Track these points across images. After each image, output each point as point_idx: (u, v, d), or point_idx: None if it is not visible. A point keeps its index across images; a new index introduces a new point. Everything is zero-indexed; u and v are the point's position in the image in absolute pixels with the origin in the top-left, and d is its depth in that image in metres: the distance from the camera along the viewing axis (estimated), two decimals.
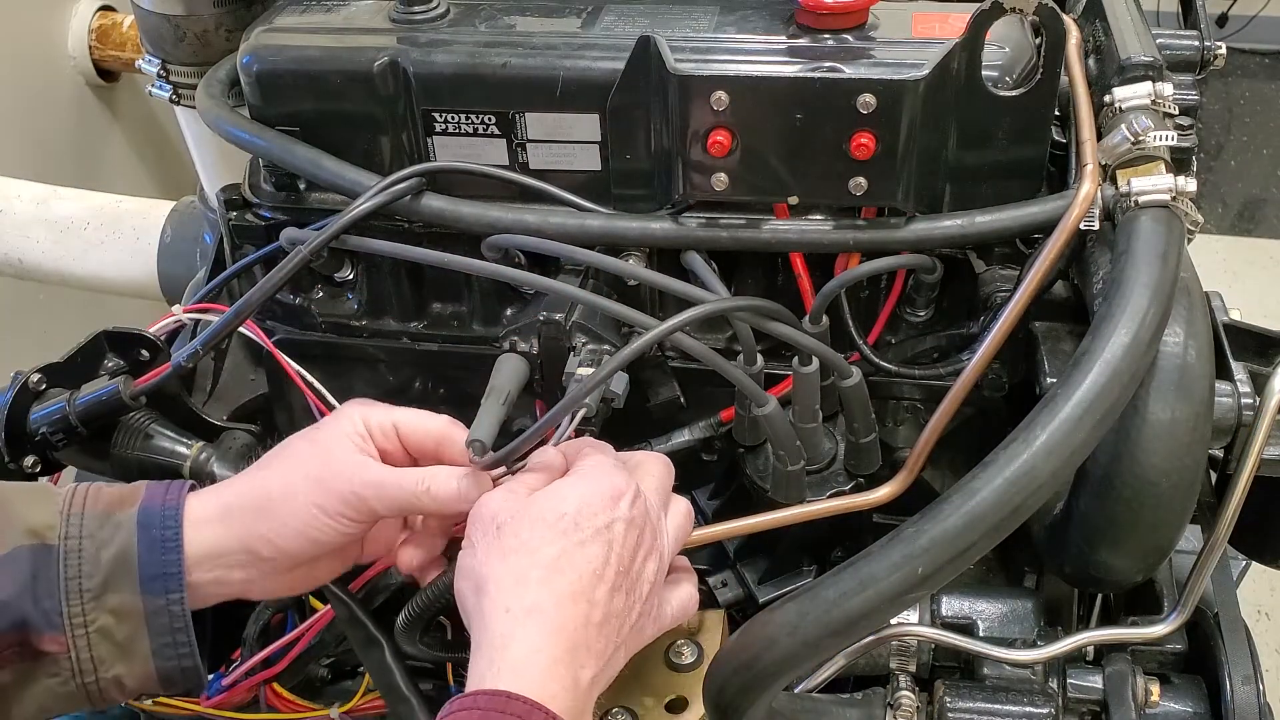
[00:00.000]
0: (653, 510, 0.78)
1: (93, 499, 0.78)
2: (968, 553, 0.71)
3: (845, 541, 0.98)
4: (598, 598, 0.72)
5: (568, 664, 0.70)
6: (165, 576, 0.77)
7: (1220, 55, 0.98)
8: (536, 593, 0.72)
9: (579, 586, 0.72)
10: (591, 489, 0.75)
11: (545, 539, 0.73)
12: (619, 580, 0.74)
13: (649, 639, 0.79)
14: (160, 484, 0.80)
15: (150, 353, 0.99)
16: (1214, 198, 3.33)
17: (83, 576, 0.76)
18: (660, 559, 0.78)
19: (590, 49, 0.88)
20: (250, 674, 0.99)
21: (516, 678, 0.69)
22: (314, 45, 0.92)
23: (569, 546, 0.73)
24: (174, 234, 1.43)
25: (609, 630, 0.73)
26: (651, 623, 0.78)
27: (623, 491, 0.76)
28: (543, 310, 0.90)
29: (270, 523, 0.78)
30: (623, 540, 0.74)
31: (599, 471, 0.77)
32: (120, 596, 0.76)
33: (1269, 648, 2.15)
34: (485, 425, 0.83)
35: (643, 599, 0.76)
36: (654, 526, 0.77)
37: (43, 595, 0.75)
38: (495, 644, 0.70)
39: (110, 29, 1.99)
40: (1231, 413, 0.79)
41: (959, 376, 0.79)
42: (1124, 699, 0.86)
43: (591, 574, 0.73)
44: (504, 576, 0.73)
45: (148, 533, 0.77)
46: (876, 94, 0.80)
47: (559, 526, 0.73)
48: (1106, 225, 0.80)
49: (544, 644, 0.70)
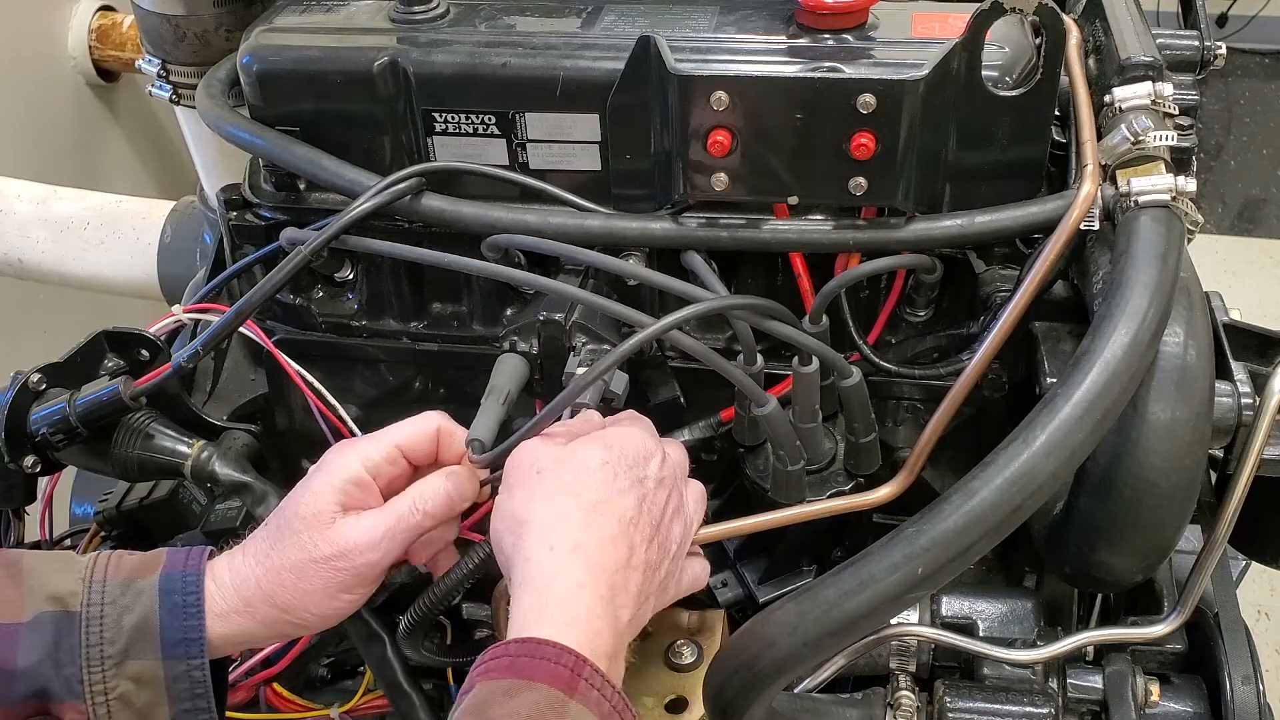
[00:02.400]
0: (680, 478, 0.81)
1: (114, 566, 0.80)
2: (968, 553, 0.71)
3: (845, 541, 0.98)
4: (636, 542, 0.75)
5: (609, 601, 0.72)
6: (186, 642, 0.78)
7: (1220, 55, 0.98)
8: (580, 532, 0.73)
9: (619, 529, 0.74)
10: (629, 445, 0.78)
11: (588, 484, 0.75)
12: (651, 533, 0.76)
13: (669, 600, 0.81)
14: (180, 550, 0.81)
15: (150, 353, 0.99)
16: (1214, 198, 3.33)
17: (104, 643, 0.77)
18: (685, 524, 0.80)
19: (590, 49, 0.88)
20: (250, 674, 0.99)
21: (563, 611, 0.70)
22: (314, 45, 0.92)
23: (610, 493, 0.75)
24: (174, 234, 1.43)
25: (645, 578, 0.75)
26: (674, 584, 0.80)
27: (654, 452, 0.79)
28: (543, 310, 0.90)
29: (293, 613, 0.80)
30: (654, 496, 0.77)
31: (633, 431, 0.80)
32: (141, 663, 0.77)
33: (1269, 648, 2.15)
34: (485, 424, 0.83)
35: (670, 557, 0.78)
36: (680, 492, 0.80)
37: (65, 662, 0.76)
38: (541, 580, 0.72)
39: (110, 29, 1.99)
40: (1231, 413, 0.79)
41: (959, 376, 0.79)
42: (1124, 699, 0.86)
43: (629, 520, 0.75)
44: (546, 515, 0.74)
45: (170, 598, 0.78)
46: (876, 94, 0.80)
47: (601, 474, 0.76)
48: (1106, 225, 0.80)
49: (589, 579, 0.72)
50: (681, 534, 0.79)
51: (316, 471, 0.82)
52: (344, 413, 0.98)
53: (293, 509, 0.81)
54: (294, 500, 0.81)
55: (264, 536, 0.82)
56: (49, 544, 1.08)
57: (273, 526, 0.82)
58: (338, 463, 0.81)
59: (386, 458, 0.81)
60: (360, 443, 0.83)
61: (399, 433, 0.83)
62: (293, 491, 0.83)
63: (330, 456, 0.83)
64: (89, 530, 1.07)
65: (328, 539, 0.79)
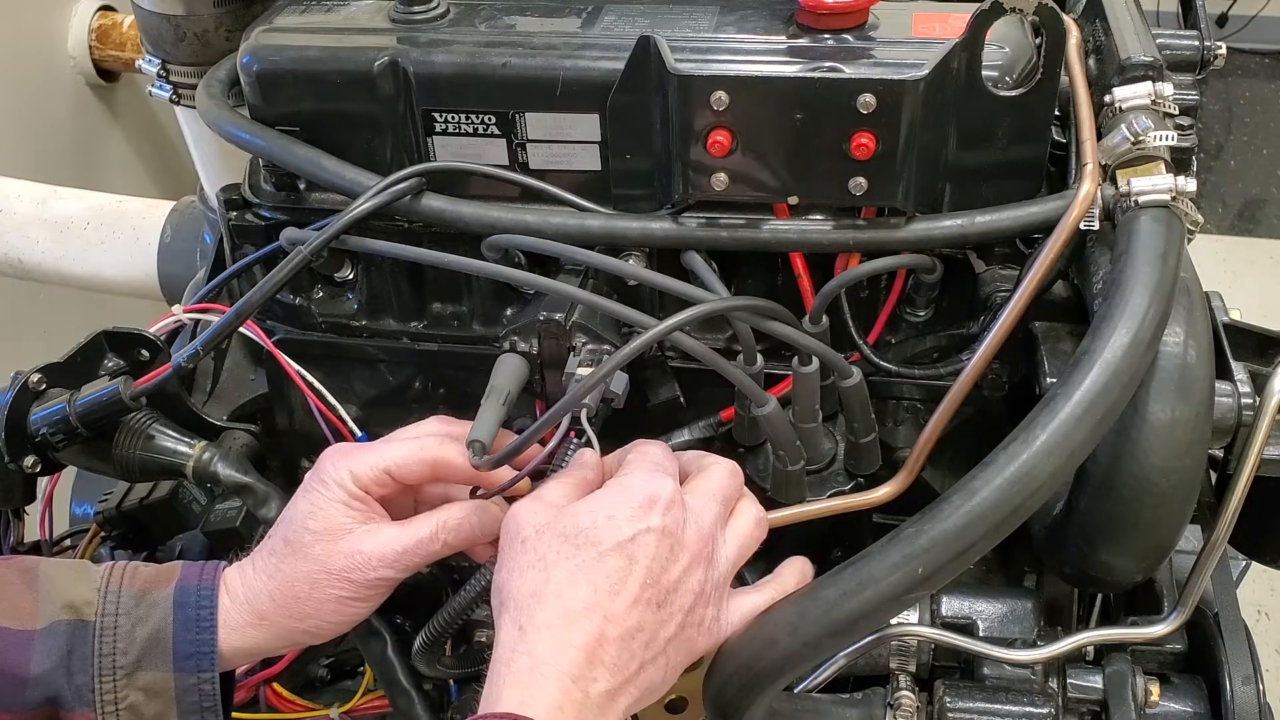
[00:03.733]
0: (701, 519, 0.75)
1: (129, 577, 0.80)
2: (968, 553, 0.71)
3: (845, 541, 0.98)
4: (615, 612, 0.70)
5: (576, 678, 0.69)
6: (198, 655, 0.78)
7: (1220, 55, 0.98)
8: (549, 609, 0.70)
9: (593, 601, 0.70)
10: (620, 499, 0.74)
11: (563, 554, 0.72)
12: (645, 593, 0.71)
13: (702, 650, 0.76)
14: (195, 565, 0.82)
15: (150, 353, 0.99)
16: (1214, 198, 3.33)
17: (117, 653, 0.77)
18: (712, 567, 0.75)
19: (590, 49, 0.88)
20: (250, 674, 0.99)
21: (521, 690, 0.68)
22: (314, 45, 0.92)
23: (586, 560, 0.71)
24: (174, 234, 1.43)
25: (635, 646, 0.71)
26: (704, 634, 0.75)
27: (654, 499, 0.73)
28: (543, 310, 0.90)
29: (308, 621, 0.80)
30: (653, 552, 0.72)
31: (631, 481, 0.75)
32: (152, 674, 0.78)
33: (1269, 648, 2.16)
34: (485, 425, 0.83)
35: (685, 610, 0.73)
36: (700, 534, 0.74)
37: (77, 671, 0.77)
38: (503, 659, 0.70)
39: (110, 29, 1.99)
40: (1231, 413, 0.79)
41: (959, 376, 0.79)
42: (1124, 699, 0.86)
43: (609, 589, 0.71)
44: (520, 592, 0.72)
45: (183, 611, 0.79)
46: (876, 94, 0.80)
47: (576, 541, 0.72)
48: (1106, 225, 0.80)
49: (551, 657, 0.69)
50: (703, 580, 0.74)
51: (316, 484, 0.81)
52: (344, 413, 0.98)
53: (301, 523, 0.81)
54: (300, 513, 0.81)
55: (272, 550, 0.82)
56: (49, 544, 1.08)
57: (278, 539, 0.82)
58: (333, 476, 0.81)
59: (375, 480, 0.81)
60: (352, 456, 0.82)
61: (391, 455, 0.81)
62: (294, 502, 0.82)
63: (325, 466, 0.82)
64: (89, 530, 1.08)
65: (341, 551, 0.79)
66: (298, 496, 0.82)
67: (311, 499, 0.81)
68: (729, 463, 0.81)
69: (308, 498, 0.81)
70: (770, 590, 0.80)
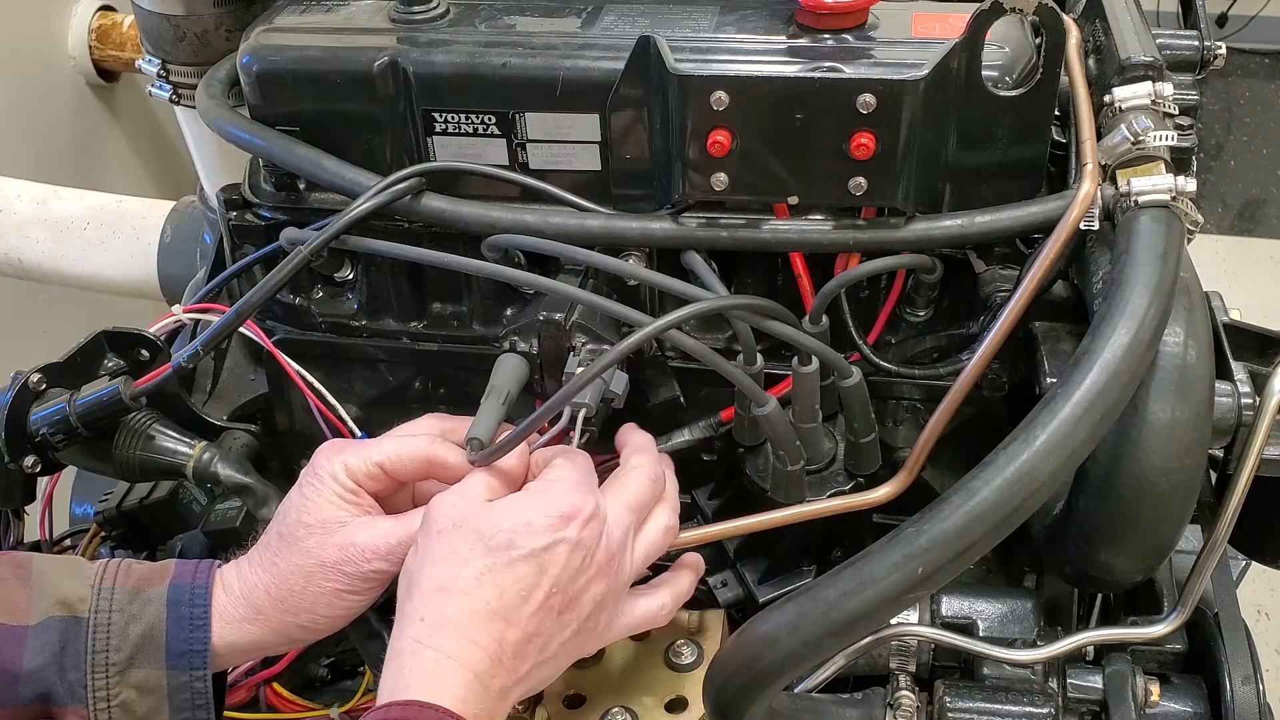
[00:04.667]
0: (612, 532, 0.78)
1: (123, 574, 0.80)
2: (968, 553, 0.71)
3: (845, 541, 0.98)
4: (519, 617, 0.73)
5: (478, 674, 0.71)
6: (191, 654, 0.78)
7: (1220, 55, 0.98)
8: (454, 605, 0.72)
9: (499, 605, 0.73)
10: (541, 508, 0.76)
11: (476, 553, 0.74)
12: (550, 601, 0.74)
13: (591, 651, 0.80)
14: (190, 563, 0.82)
15: (150, 353, 0.99)
16: (1214, 198, 3.33)
17: (110, 650, 0.77)
18: (615, 577, 0.78)
19: (590, 49, 0.88)
20: (250, 674, 0.99)
21: (429, 681, 0.70)
22: (314, 45, 0.92)
23: (497, 564, 0.73)
24: (174, 234, 1.43)
25: (531, 649, 0.74)
26: (595, 638, 0.79)
27: (575, 512, 0.76)
28: (543, 310, 0.90)
29: (303, 615, 0.80)
30: (564, 563, 0.75)
31: (556, 490, 0.77)
32: (144, 671, 0.78)
33: (1269, 648, 2.16)
34: (484, 423, 0.83)
35: (582, 618, 0.76)
36: (610, 548, 0.77)
37: (69, 667, 0.77)
38: (406, 649, 0.72)
39: (110, 29, 1.99)
40: (1231, 413, 0.79)
41: (959, 376, 0.79)
42: (1124, 699, 0.86)
43: (516, 594, 0.73)
44: (428, 583, 0.74)
45: (177, 609, 0.79)
46: (876, 94, 0.80)
47: (492, 543, 0.74)
48: (1106, 225, 0.80)
49: (455, 653, 0.71)
50: (605, 591, 0.77)
51: (310, 478, 0.82)
52: (344, 413, 0.98)
53: (295, 517, 0.81)
54: (294, 507, 0.82)
55: (267, 545, 0.82)
56: (49, 544, 1.08)
57: (273, 534, 0.82)
58: (327, 470, 0.81)
59: (368, 474, 0.81)
60: (346, 451, 0.83)
61: (384, 450, 0.82)
62: (289, 498, 0.83)
63: (319, 461, 0.83)
64: (89, 530, 1.08)
65: (335, 543, 0.80)
66: (292, 491, 0.83)
67: (305, 493, 0.82)
68: (651, 469, 0.83)
69: (302, 492, 0.82)
70: (663, 593, 0.83)
